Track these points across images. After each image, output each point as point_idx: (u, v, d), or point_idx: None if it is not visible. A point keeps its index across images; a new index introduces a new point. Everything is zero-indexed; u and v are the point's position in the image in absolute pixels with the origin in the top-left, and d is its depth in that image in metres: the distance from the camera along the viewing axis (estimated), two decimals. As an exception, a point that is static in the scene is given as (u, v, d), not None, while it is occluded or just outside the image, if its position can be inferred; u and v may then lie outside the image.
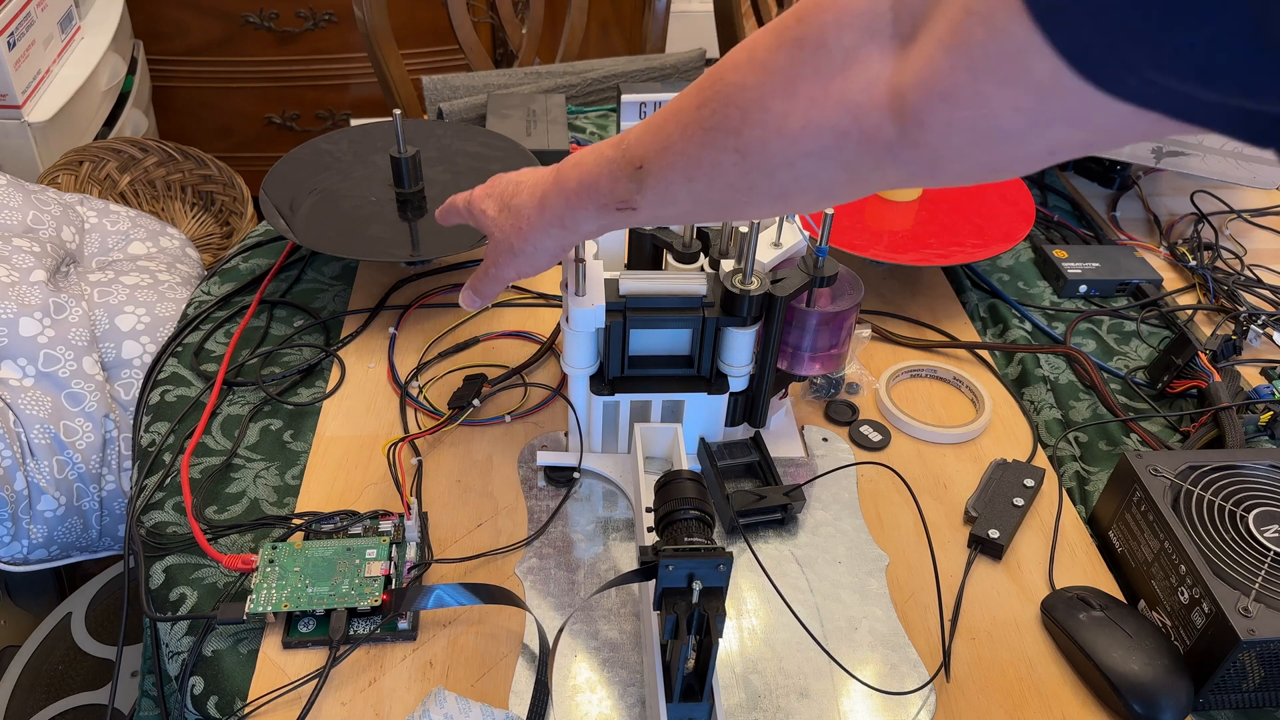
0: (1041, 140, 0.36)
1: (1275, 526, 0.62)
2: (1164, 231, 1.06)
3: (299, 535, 0.66)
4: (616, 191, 0.53)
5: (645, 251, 0.75)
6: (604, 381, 0.69)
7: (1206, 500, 0.64)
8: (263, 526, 0.68)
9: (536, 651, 0.61)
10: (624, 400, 0.70)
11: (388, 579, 0.62)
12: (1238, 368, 0.85)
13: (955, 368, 0.84)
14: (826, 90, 0.41)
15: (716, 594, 0.53)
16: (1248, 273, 0.99)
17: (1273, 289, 0.96)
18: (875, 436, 0.77)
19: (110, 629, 1.22)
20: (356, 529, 0.66)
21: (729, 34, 1.59)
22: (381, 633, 0.61)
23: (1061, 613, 0.63)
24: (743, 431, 0.76)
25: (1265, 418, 0.79)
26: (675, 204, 0.51)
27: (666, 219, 0.54)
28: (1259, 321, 0.90)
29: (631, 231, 0.75)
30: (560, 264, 0.71)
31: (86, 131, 1.68)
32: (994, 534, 0.68)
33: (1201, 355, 0.83)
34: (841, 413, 0.79)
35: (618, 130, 1.05)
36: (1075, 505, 0.74)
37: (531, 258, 0.62)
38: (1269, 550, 0.60)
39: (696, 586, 0.52)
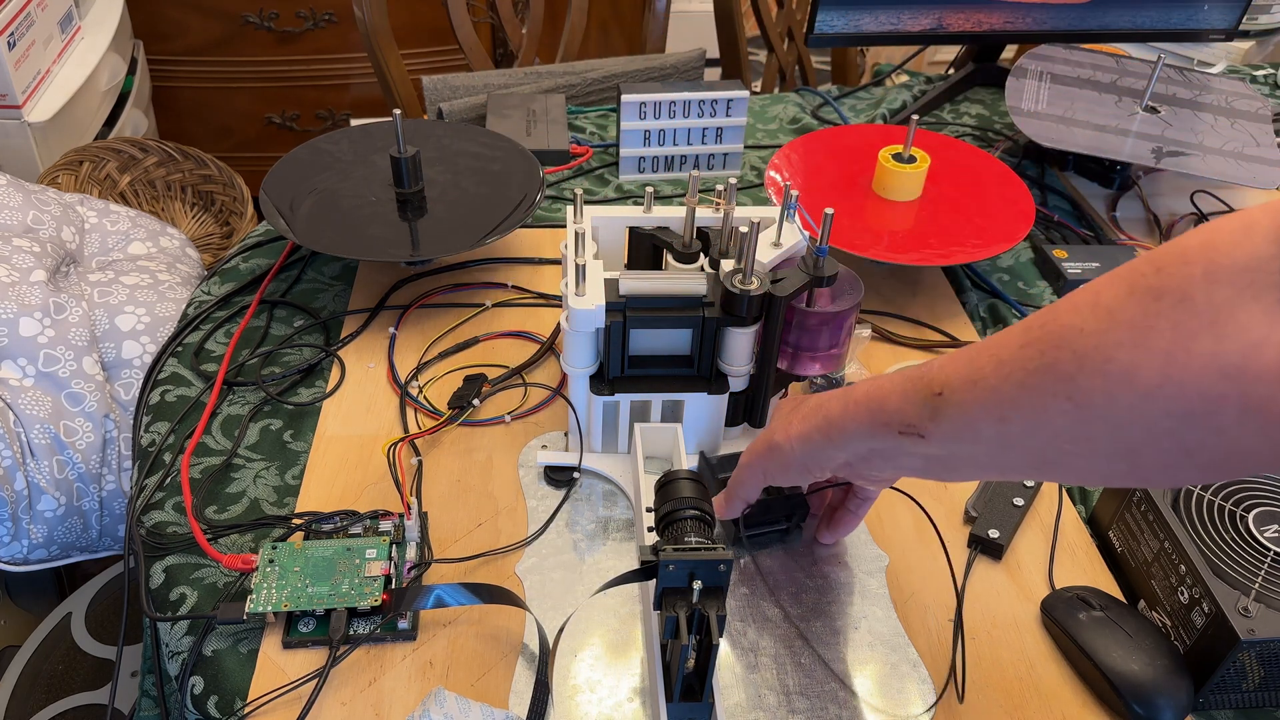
0: None
1: (1275, 526, 0.62)
2: (1164, 231, 1.06)
3: (299, 535, 0.66)
4: (905, 413, 0.49)
5: (645, 251, 0.75)
6: (604, 381, 0.69)
7: (1206, 500, 0.64)
8: (263, 526, 0.68)
9: (536, 651, 0.61)
10: (624, 400, 0.70)
11: (388, 579, 0.62)
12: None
13: (955, 368, 0.84)
14: (1189, 348, 0.37)
15: (717, 594, 0.53)
16: (1248, 273, 0.99)
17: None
18: (875, 436, 0.77)
19: (110, 629, 1.22)
20: (356, 529, 0.66)
21: (729, 34, 1.59)
22: (381, 633, 0.61)
23: (1061, 613, 0.63)
24: (742, 433, 0.76)
25: (1265, 418, 0.79)
26: (978, 443, 0.46)
27: (963, 460, 0.49)
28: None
29: (631, 231, 0.75)
30: (562, 263, 0.71)
31: (86, 131, 1.68)
32: (994, 534, 0.68)
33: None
34: (841, 413, 0.79)
35: (617, 130, 1.05)
36: (1075, 505, 0.74)
37: (785, 460, 0.57)
38: (1269, 550, 0.60)
39: (696, 586, 0.52)
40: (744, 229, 0.63)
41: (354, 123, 2.18)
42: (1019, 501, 0.71)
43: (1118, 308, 0.40)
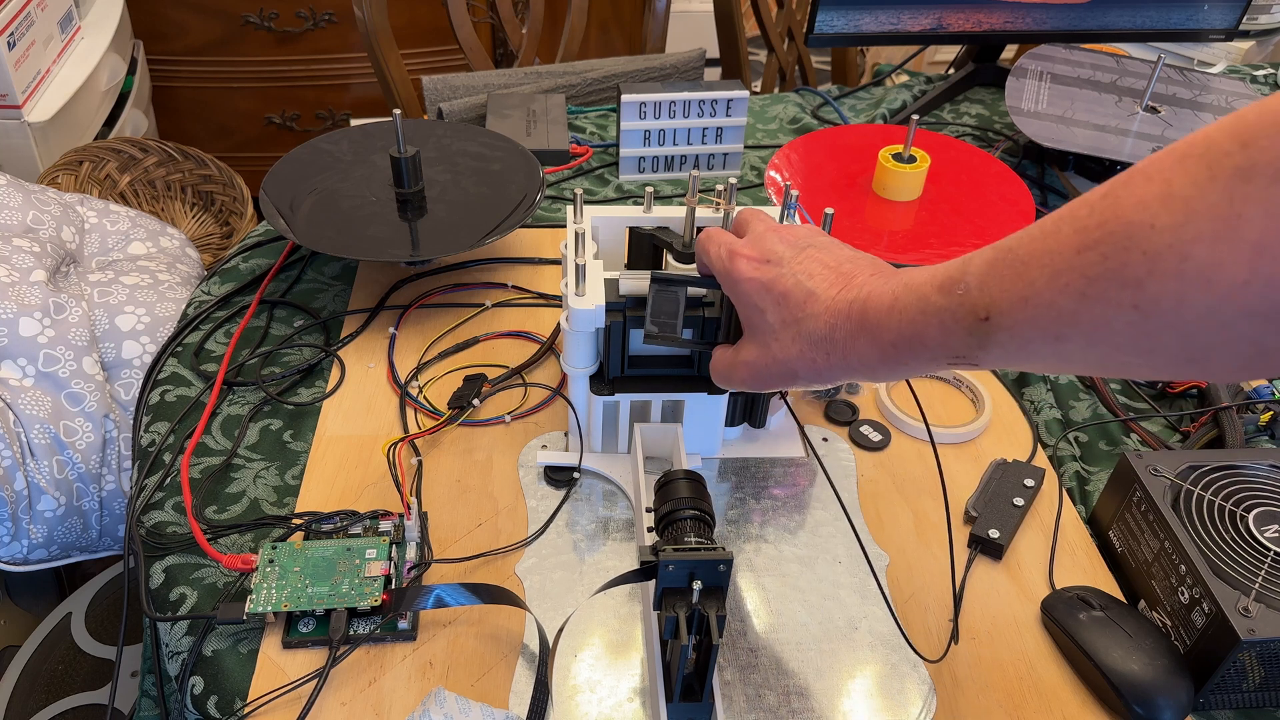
0: None
1: (1275, 526, 0.62)
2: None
3: (299, 535, 0.66)
4: (950, 345, 0.45)
5: (645, 251, 0.75)
6: (604, 381, 0.69)
7: (1206, 500, 0.64)
8: (263, 526, 0.68)
9: (536, 651, 0.61)
10: (624, 400, 0.70)
11: (388, 579, 0.62)
12: (1238, 368, 0.85)
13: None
14: None
15: (716, 594, 0.53)
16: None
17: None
18: (875, 436, 0.77)
19: (110, 629, 1.22)
20: (356, 529, 0.66)
21: (729, 34, 1.59)
22: (381, 633, 0.61)
23: (1061, 613, 0.63)
24: (742, 432, 0.76)
25: (1265, 418, 0.79)
26: (1034, 360, 0.43)
27: (1018, 368, 0.46)
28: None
29: (631, 231, 0.75)
30: (562, 263, 0.71)
31: (86, 131, 1.68)
32: (994, 534, 0.68)
33: (1201, 355, 0.83)
34: (841, 413, 0.79)
35: (617, 130, 1.05)
36: (1075, 505, 0.74)
37: (815, 384, 0.55)
38: (1269, 550, 0.60)
39: (696, 586, 0.52)
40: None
41: (354, 123, 2.18)
42: (1019, 501, 0.71)
43: (1196, 195, 0.34)
